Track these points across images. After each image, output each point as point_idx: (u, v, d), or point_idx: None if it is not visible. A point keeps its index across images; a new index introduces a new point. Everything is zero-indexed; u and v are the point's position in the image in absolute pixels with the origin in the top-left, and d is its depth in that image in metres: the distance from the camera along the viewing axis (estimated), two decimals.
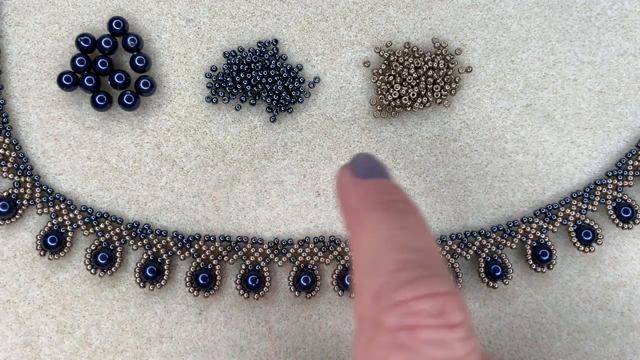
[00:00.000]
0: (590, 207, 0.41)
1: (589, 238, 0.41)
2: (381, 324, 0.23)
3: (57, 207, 0.41)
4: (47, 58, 0.42)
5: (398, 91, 0.41)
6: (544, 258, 0.41)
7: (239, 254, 0.41)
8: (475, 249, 0.41)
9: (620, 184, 0.41)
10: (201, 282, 0.40)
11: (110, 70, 0.41)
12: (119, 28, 0.41)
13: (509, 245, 0.41)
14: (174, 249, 0.41)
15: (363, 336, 0.24)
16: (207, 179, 0.42)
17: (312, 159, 0.42)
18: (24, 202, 0.41)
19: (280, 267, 0.42)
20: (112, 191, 0.42)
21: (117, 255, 0.41)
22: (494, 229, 0.41)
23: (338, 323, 0.42)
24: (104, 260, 0.40)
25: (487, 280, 0.41)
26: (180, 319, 0.41)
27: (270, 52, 0.41)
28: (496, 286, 0.41)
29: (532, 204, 0.42)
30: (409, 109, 0.41)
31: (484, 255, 0.41)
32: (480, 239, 0.41)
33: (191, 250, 0.41)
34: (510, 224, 0.41)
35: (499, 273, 0.40)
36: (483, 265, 0.41)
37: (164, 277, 0.40)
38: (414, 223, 0.27)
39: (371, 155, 0.31)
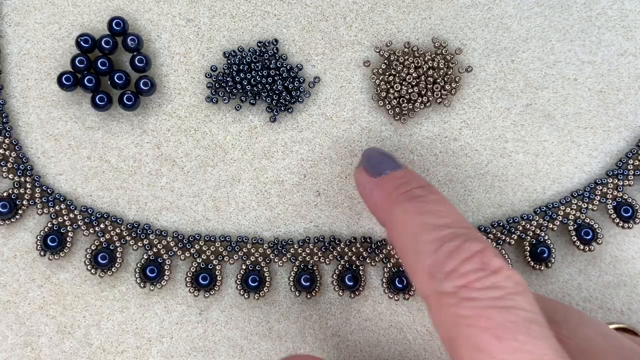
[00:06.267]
0: (590, 206, 0.41)
1: (589, 237, 0.41)
2: (442, 292, 0.28)
3: (57, 207, 0.41)
4: (47, 58, 0.42)
5: (398, 91, 0.41)
6: (543, 256, 0.41)
7: (239, 254, 0.41)
8: None
9: (621, 183, 0.41)
10: (201, 282, 0.40)
11: (110, 70, 0.41)
12: (119, 28, 0.41)
13: (507, 241, 0.41)
14: (174, 249, 0.41)
15: (433, 307, 0.29)
16: (207, 179, 0.42)
17: (312, 159, 0.42)
18: (24, 202, 0.41)
19: (280, 267, 0.42)
20: (112, 191, 0.42)
21: (118, 255, 0.41)
22: (494, 224, 0.41)
23: (338, 323, 0.41)
24: (104, 261, 0.40)
25: None
26: (180, 319, 0.41)
27: (270, 52, 0.41)
28: None
29: (533, 203, 0.42)
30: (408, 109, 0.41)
31: None
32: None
33: (191, 251, 0.41)
34: (510, 220, 0.41)
35: None
36: None
37: (165, 277, 0.40)
38: (434, 202, 0.32)
39: (377, 149, 0.37)
